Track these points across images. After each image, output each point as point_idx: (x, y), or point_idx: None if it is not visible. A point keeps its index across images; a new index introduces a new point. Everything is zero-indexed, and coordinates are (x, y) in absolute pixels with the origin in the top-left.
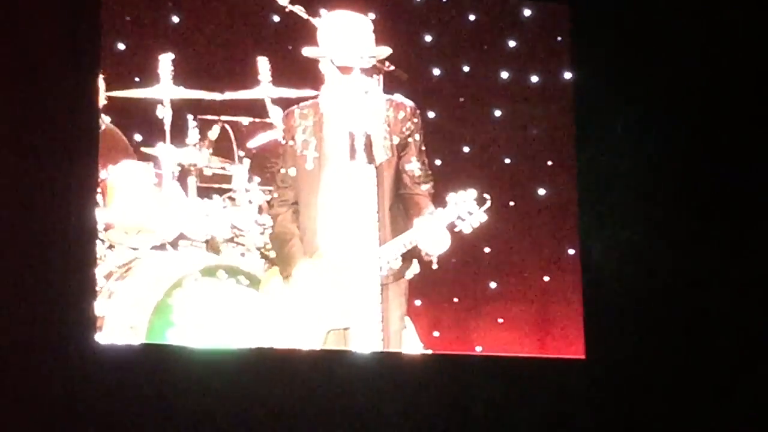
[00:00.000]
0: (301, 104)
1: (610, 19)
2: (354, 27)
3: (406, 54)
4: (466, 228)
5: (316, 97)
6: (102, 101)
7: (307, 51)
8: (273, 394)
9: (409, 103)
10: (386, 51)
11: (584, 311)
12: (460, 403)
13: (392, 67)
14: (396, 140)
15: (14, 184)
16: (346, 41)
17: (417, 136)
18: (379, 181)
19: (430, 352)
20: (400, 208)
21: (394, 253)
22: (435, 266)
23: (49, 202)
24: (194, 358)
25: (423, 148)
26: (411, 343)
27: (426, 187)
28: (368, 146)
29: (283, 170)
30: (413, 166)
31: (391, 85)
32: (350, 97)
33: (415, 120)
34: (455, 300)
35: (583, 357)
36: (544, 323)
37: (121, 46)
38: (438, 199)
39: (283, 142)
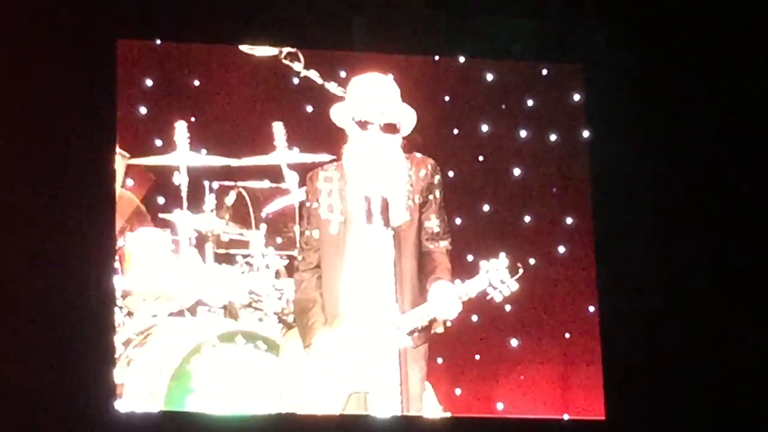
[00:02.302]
0: (325, 166)
1: (625, 77)
2: (379, 87)
3: (425, 113)
4: (497, 296)
5: (338, 159)
6: (120, 169)
7: (333, 110)
8: None
9: (430, 160)
10: (411, 114)
11: (604, 370)
12: None
13: (407, 132)
14: (418, 200)
15: (33, 253)
16: (369, 99)
17: (437, 193)
18: (400, 243)
19: (449, 415)
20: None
21: (413, 324)
22: (441, 330)
23: (67, 270)
24: (214, 425)
25: (443, 204)
26: (430, 406)
27: (444, 244)
28: (386, 209)
29: (307, 232)
30: (432, 224)
31: (408, 145)
32: (371, 156)
33: (437, 176)
34: (477, 357)
35: (603, 418)
36: (566, 381)
37: (142, 110)
38: (458, 259)
39: (308, 204)
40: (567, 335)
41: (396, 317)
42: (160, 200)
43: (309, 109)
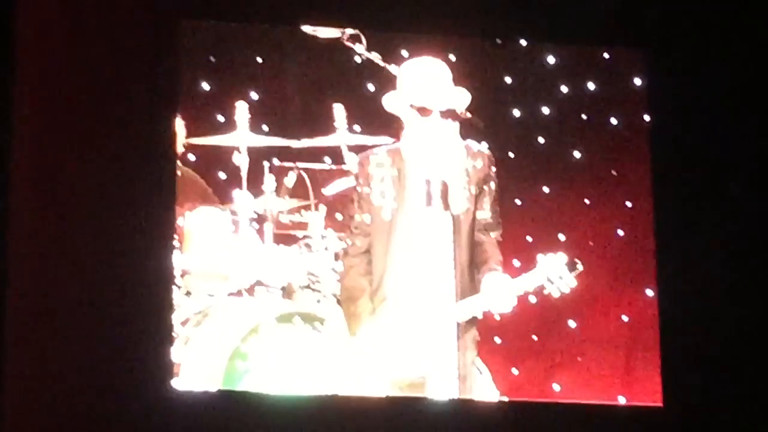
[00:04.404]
0: (376, 150)
1: (687, 62)
2: (433, 71)
3: (486, 95)
4: (555, 292)
5: (394, 143)
6: (180, 148)
7: (386, 98)
8: None
9: (486, 151)
10: (466, 96)
11: (662, 355)
12: None
13: (469, 114)
14: (474, 190)
15: (92, 231)
16: (425, 85)
17: (492, 185)
18: (456, 229)
19: (506, 399)
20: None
21: (467, 314)
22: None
23: (126, 249)
24: (270, 405)
25: (496, 196)
26: (487, 390)
27: (495, 234)
28: (446, 194)
29: (358, 217)
30: (485, 214)
31: (468, 129)
32: (430, 142)
33: (493, 168)
34: (534, 338)
35: (660, 404)
36: (623, 364)
37: (205, 87)
38: (517, 240)
39: (359, 189)
40: (625, 318)
41: (451, 305)
42: (221, 179)
43: (370, 90)
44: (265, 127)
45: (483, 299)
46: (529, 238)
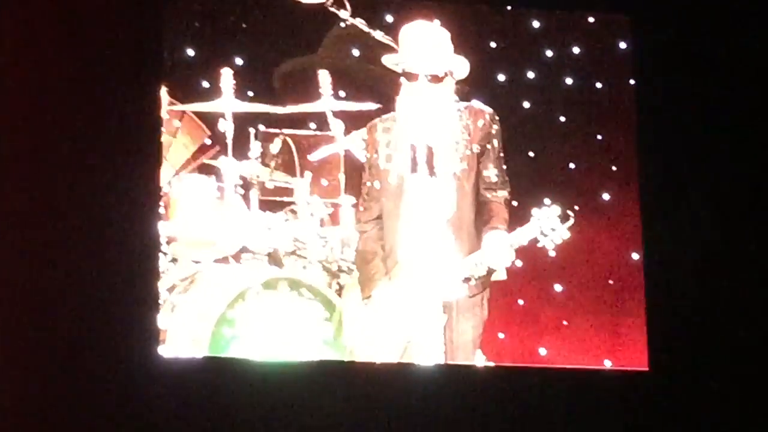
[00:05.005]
0: (383, 117)
1: (672, 27)
2: (423, 37)
3: (471, 60)
4: (549, 244)
5: (392, 109)
6: (164, 114)
7: (385, 60)
8: (335, 407)
9: (488, 109)
10: (463, 64)
11: (647, 319)
12: (521, 415)
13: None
14: (476, 149)
15: (76, 198)
16: (412, 50)
17: (495, 143)
18: (459, 191)
19: (492, 364)
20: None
21: (466, 272)
22: (503, 277)
23: (111, 216)
24: (256, 371)
25: (501, 154)
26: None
27: (503, 194)
28: (431, 159)
29: (368, 183)
30: (490, 173)
31: (464, 94)
32: (417, 107)
33: (495, 126)
34: (520, 302)
35: (647, 369)
36: (610, 328)
37: (190, 53)
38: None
39: (367, 155)
40: (611, 282)
41: (449, 266)
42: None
43: (355, 56)
44: (250, 93)
45: (479, 255)
46: (514, 203)
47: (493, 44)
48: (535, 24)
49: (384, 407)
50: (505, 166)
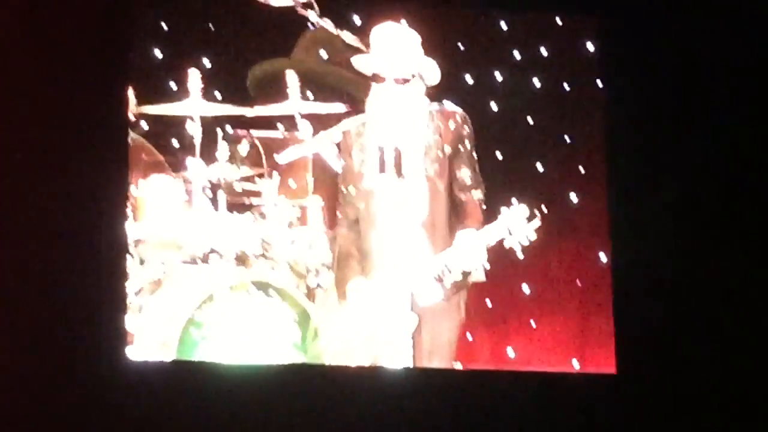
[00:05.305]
0: (356, 119)
1: (640, 28)
2: (392, 39)
3: (438, 61)
4: (515, 245)
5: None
6: (131, 117)
7: (355, 61)
8: (304, 410)
9: (459, 110)
10: (432, 66)
11: (615, 320)
12: (489, 418)
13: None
14: (448, 150)
15: (44, 199)
16: (387, 53)
17: (467, 143)
18: (432, 193)
19: (460, 367)
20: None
21: (437, 269)
22: (481, 279)
23: (79, 217)
24: (225, 374)
25: (474, 155)
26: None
27: (477, 194)
28: (399, 161)
29: (344, 189)
30: (463, 174)
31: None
32: (384, 109)
33: (466, 127)
34: (488, 303)
35: (614, 372)
36: (577, 329)
37: (158, 54)
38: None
39: (342, 161)
40: (579, 283)
41: (419, 266)
42: (174, 147)
43: (324, 58)
44: (217, 95)
45: (452, 253)
46: (483, 206)
47: (460, 45)
48: (503, 25)
49: (353, 410)
50: (477, 167)
